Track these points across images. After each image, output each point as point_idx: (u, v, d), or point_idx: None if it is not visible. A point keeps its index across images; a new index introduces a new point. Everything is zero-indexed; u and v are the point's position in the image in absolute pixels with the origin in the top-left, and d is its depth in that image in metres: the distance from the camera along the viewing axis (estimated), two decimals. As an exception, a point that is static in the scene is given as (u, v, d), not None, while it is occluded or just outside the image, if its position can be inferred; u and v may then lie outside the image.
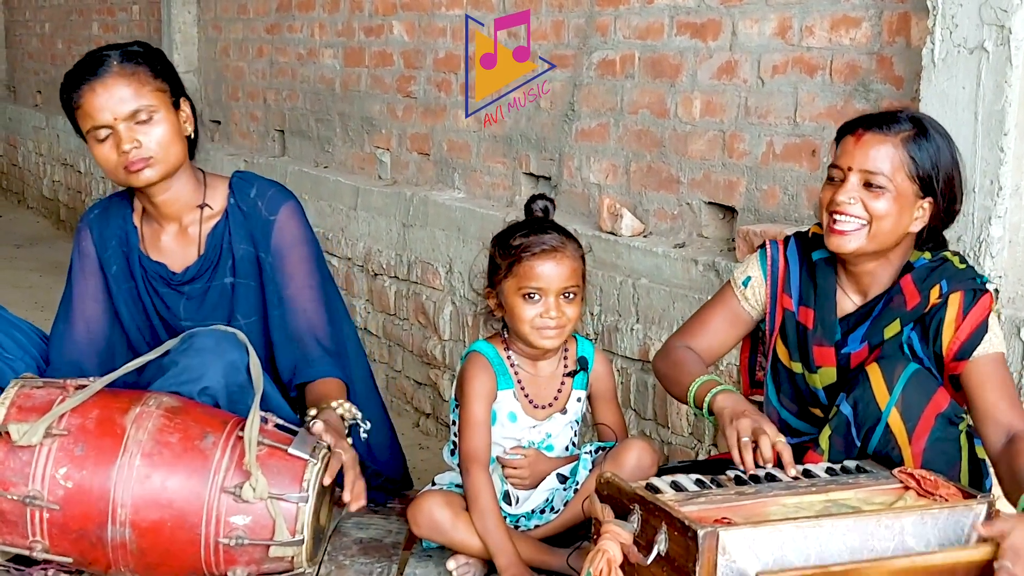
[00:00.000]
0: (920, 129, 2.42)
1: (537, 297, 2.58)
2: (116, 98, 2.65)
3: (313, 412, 2.59)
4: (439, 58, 5.08)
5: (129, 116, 2.65)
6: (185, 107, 2.78)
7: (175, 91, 2.76)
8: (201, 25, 7.29)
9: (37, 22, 10.47)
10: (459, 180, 5.03)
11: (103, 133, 2.67)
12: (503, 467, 2.66)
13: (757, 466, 2.29)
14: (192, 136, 2.80)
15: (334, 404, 2.62)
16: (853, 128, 2.45)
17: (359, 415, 2.65)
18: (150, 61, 2.73)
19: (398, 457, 3.11)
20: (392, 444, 3.09)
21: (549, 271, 2.57)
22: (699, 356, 2.64)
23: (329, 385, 2.74)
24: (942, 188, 2.43)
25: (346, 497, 2.43)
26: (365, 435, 2.66)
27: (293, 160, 6.33)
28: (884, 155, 2.39)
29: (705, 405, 2.46)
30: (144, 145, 2.66)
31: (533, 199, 2.70)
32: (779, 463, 2.30)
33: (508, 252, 2.62)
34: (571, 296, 2.60)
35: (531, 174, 4.61)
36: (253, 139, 6.81)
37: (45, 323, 3.05)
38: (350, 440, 2.58)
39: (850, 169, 2.40)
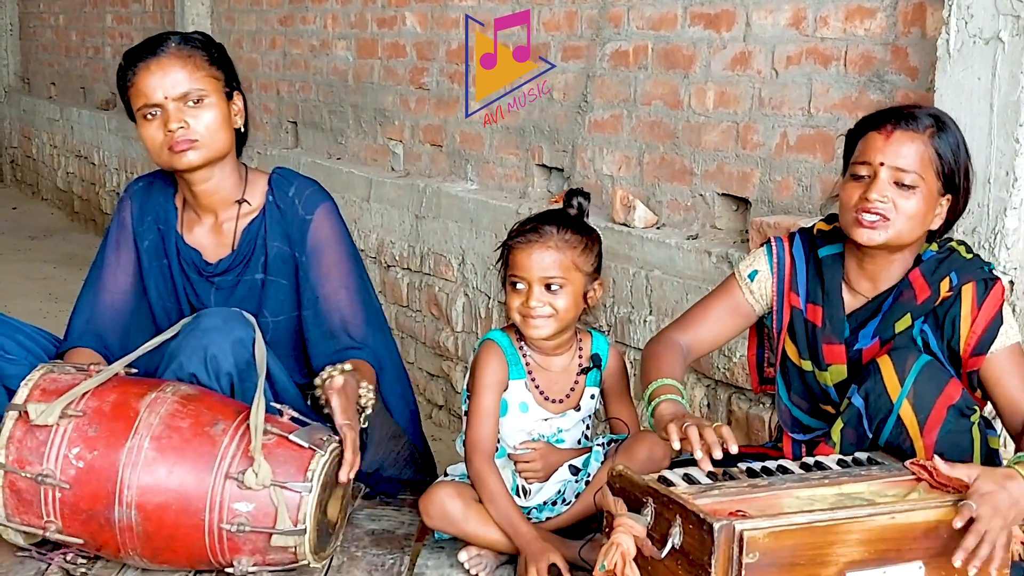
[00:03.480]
0: (940, 125, 2.40)
1: (521, 286, 2.59)
2: (169, 78, 2.67)
3: (324, 374, 2.59)
4: (452, 49, 5.07)
5: (180, 97, 2.67)
6: (238, 100, 2.80)
7: (229, 82, 2.77)
8: (214, 17, 7.30)
9: (51, 14, 10.50)
10: (472, 172, 5.02)
11: (153, 112, 2.68)
12: (515, 463, 2.66)
13: (719, 463, 2.22)
14: (242, 130, 2.80)
15: (347, 367, 2.62)
16: (878, 124, 2.41)
17: (371, 400, 2.64)
18: (208, 48, 2.76)
19: (421, 445, 3.11)
20: (415, 436, 3.08)
21: (527, 260, 2.58)
22: (689, 350, 2.60)
23: (356, 363, 2.72)
24: (963, 185, 2.42)
25: (341, 476, 2.43)
26: (364, 424, 2.64)
27: (306, 152, 6.33)
28: (915, 152, 2.36)
29: (650, 409, 2.43)
30: (191, 127, 2.67)
31: (571, 195, 2.69)
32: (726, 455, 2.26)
33: (505, 242, 2.63)
34: (555, 288, 2.58)
35: (544, 165, 4.60)
36: (266, 131, 6.81)
37: (59, 315, 3.07)
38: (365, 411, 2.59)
39: (881, 165, 2.36)
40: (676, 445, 2.23)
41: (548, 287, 2.57)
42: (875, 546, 2.06)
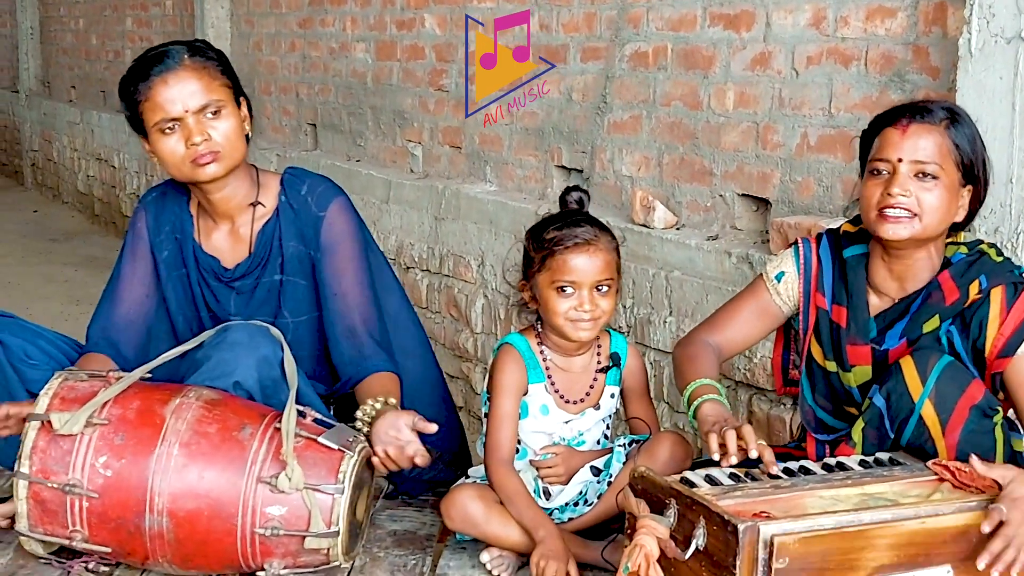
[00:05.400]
0: (954, 117, 2.40)
1: (571, 290, 2.57)
2: (188, 91, 2.66)
3: (369, 409, 2.61)
4: (471, 51, 5.08)
5: (199, 109, 2.66)
6: (244, 107, 2.79)
7: (237, 90, 2.78)
8: (234, 20, 7.32)
9: (71, 18, 10.55)
10: (491, 173, 5.03)
11: (172, 126, 2.67)
12: (537, 469, 2.66)
13: (741, 463, 2.26)
14: (249, 135, 2.82)
15: (392, 400, 2.64)
16: (892, 120, 2.41)
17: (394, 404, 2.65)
18: (218, 58, 2.76)
19: (456, 437, 3.12)
20: (450, 423, 3.09)
21: (582, 264, 2.56)
22: (719, 351, 2.63)
23: (383, 380, 2.75)
24: (982, 174, 2.42)
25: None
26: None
27: (325, 154, 6.35)
28: (933, 144, 2.36)
29: (691, 409, 2.44)
30: (213, 139, 2.67)
31: (568, 191, 2.69)
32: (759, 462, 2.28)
33: (541, 245, 2.61)
34: (604, 289, 2.59)
35: (563, 167, 4.61)
36: (286, 133, 6.84)
37: (80, 317, 3.09)
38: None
39: (900, 161, 2.36)
40: (716, 457, 2.24)
41: (598, 289, 2.58)
42: (904, 550, 2.06)
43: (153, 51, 2.73)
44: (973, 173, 2.41)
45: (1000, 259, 2.46)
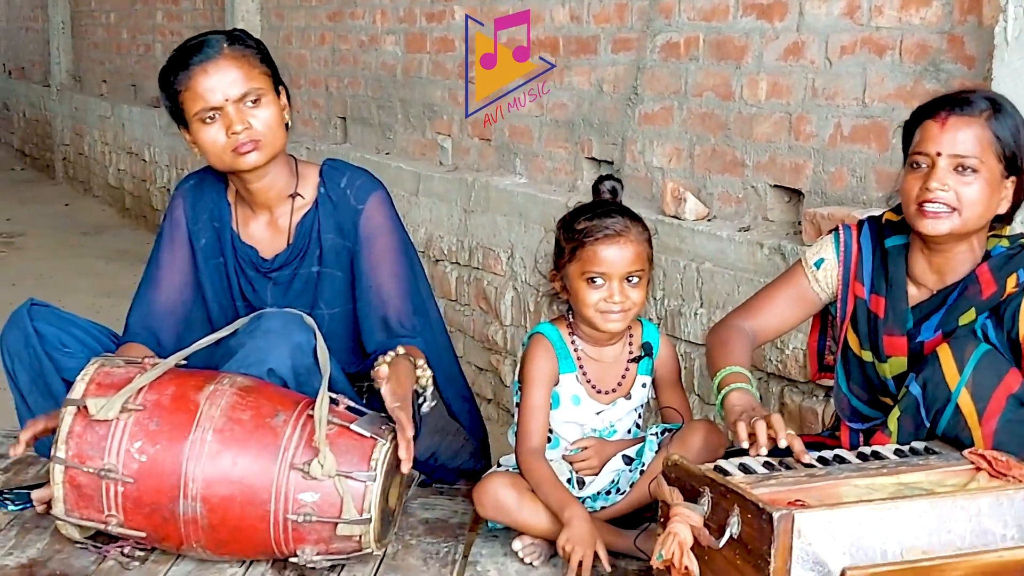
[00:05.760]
0: (996, 107, 2.37)
1: (601, 282, 2.57)
2: (228, 80, 2.66)
3: (383, 359, 2.58)
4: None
5: (240, 98, 2.66)
6: (283, 95, 2.79)
7: (276, 78, 2.78)
8: (264, 13, 7.35)
9: (102, 12, 10.61)
10: (521, 165, 5.02)
11: (212, 116, 2.67)
12: (571, 463, 2.66)
13: (769, 453, 2.24)
14: (288, 124, 2.82)
15: (400, 351, 2.62)
16: (932, 112, 2.38)
17: (431, 381, 2.65)
18: (256, 45, 2.76)
19: (477, 432, 3.12)
20: (472, 419, 3.09)
21: (613, 256, 2.56)
22: (754, 337, 2.61)
23: (407, 348, 2.74)
24: None
25: (403, 461, 2.41)
26: (426, 408, 2.65)
27: (355, 147, 6.36)
28: (972, 137, 2.33)
29: (719, 397, 2.43)
30: (253, 127, 2.67)
31: (601, 180, 2.68)
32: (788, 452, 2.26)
33: (572, 236, 2.60)
34: (635, 280, 2.58)
35: (593, 159, 4.60)
36: (315, 126, 6.85)
37: (111, 310, 3.09)
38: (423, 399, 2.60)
39: (939, 154, 2.33)
40: (744, 445, 2.23)
41: (628, 280, 2.57)
42: None
43: (192, 41, 2.73)
44: (1016, 164, 2.37)
45: None
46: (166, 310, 2.87)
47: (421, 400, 2.65)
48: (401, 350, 2.62)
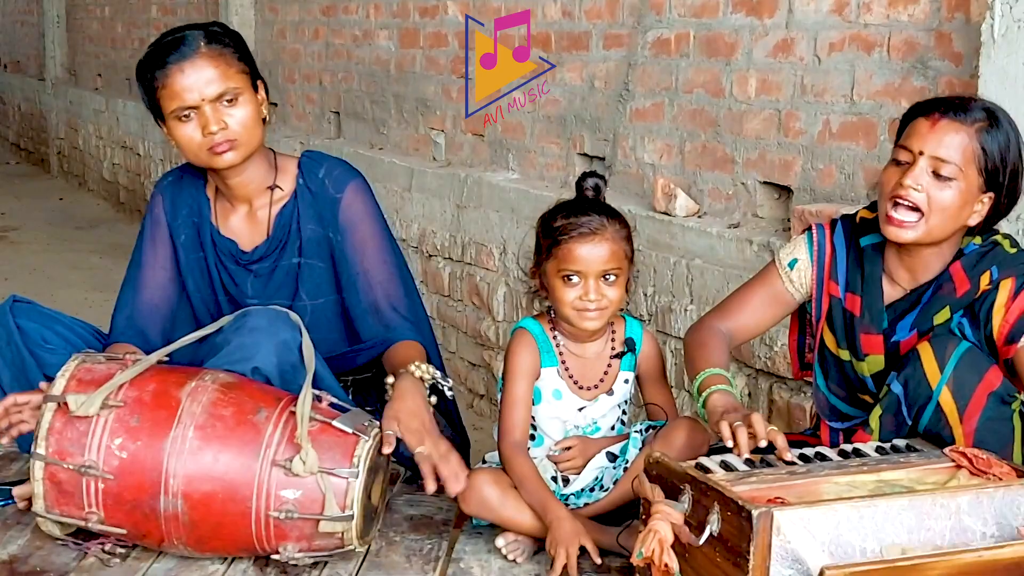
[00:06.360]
0: (992, 120, 2.34)
1: (576, 280, 2.56)
2: (204, 79, 2.65)
3: (391, 381, 2.60)
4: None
5: (216, 97, 2.66)
6: (261, 90, 2.79)
7: (254, 74, 2.77)
8: (258, 7, 7.34)
9: (97, 6, 10.60)
10: (513, 161, 5.02)
11: (188, 114, 2.67)
12: (555, 463, 2.66)
13: (755, 451, 2.24)
14: (267, 119, 2.82)
15: (411, 367, 2.62)
16: (927, 111, 2.37)
17: (439, 374, 2.66)
18: (235, 42, 2.75)
19: (455, 428, 3.12)
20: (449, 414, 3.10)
21: (587, 254, 2.55)
22: (731, 337, 2.61)
23: (407, 348, 2.75)
24: (1007, 184, 2.37)
25: (452, 487, 2.45)
26: (451, 393, 2.66)
27: (348, 142, 6.36)
28: (958, 144, 2.31)
29: (701, 399, 2.43)
30: (229, 127, 2.67)
31: (584, 176, 2.67)
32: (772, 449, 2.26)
33: (549, 233, 2.60)
34: (612, 278, 2.57)
35: (585, 154, 4.60)
36: (309, 121, 6.85)
37: (104, 304, 3.08)
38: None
39: (921, 153, 2.33)
40: (729, 444, 2.23)
41: (604, 278, 2.57)
42: None
43: (169, 35, 2.72)
44: (997, 180, 2.35)
45: (1014, 250, 2.42)
46: (152, 308, 2.87)
47: (441, 391, 2.64)
48: (410, 367, 2.62)
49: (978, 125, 2.33)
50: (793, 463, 2.24)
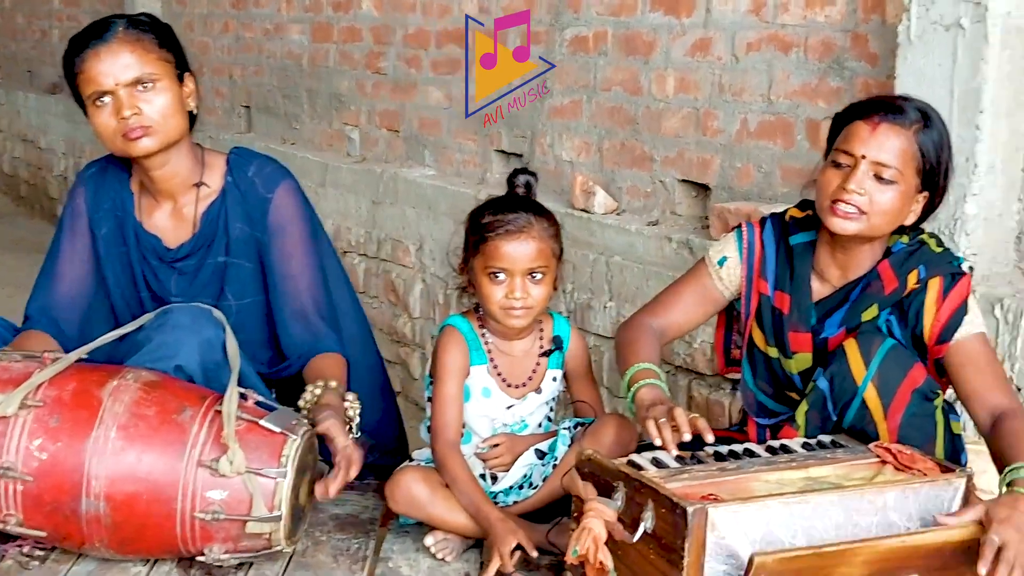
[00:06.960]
0: (927, 120, 2.38)
1: (502, 277, 2.56)
2: (120, 64, 2.61)
3: (309, 396, 2.58)
4: (409, 34, 5.05)
5: (131, 83, 2.61)
6: (189, 82, 2.74)
7: (180, 64, 2.72)
8: (165, 0, 7.20)
9: (-4, -4, 10.31)
10: (430, 157, 5.00)
11: (104, 99, 2.62)
12: (483, 460, 2.65)
13: (682, 445, 2.24)
14: (194, 112, 2.76)
15: (332, 384, 2.61)
16: (865, 113, 2.38)
17: (357, 408, 2.62)
18: (156, 30, 2.70)
19: (393, 424, 3.10)
20: (388, 410, 3.08)
21: (513, 251, 2.55)
22: (662, 334, 2.62)
23: (329, 361, 2.72)
24: (941, 183, 2.41)
25: (329, 489, 2.41)
26: (357, 433, 2.62)
27: (259, 137, 6.28)
28: (899, 147, 2.34)
29: (630, 394, 2.44)
30: (144, 113, 2.62)
31: (515, 173, 2.67)
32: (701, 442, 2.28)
33: (477, 230, 2.60)
34: (539, 276, 2.57)
35: (503, 151, 4.59)
36: (219, 115, 6.74)
37: (7, 301, 3.00)
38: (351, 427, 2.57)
39: (863, 157, 2.34)
40: (657, 442, 2.24)
41: (531, 276, 2.56)
42: (878, 565, 2.02)
43: (93, 23, 2.68)
44: (933, 180, 2.39)
45: (940, 250, 2.47)
46: (68, 301, 2.80)
47: (352, 425, 2.61)
48: (332, 383, 2.60)
49: (916, 127, 2.36)
50: (722, 457, 2.26)
